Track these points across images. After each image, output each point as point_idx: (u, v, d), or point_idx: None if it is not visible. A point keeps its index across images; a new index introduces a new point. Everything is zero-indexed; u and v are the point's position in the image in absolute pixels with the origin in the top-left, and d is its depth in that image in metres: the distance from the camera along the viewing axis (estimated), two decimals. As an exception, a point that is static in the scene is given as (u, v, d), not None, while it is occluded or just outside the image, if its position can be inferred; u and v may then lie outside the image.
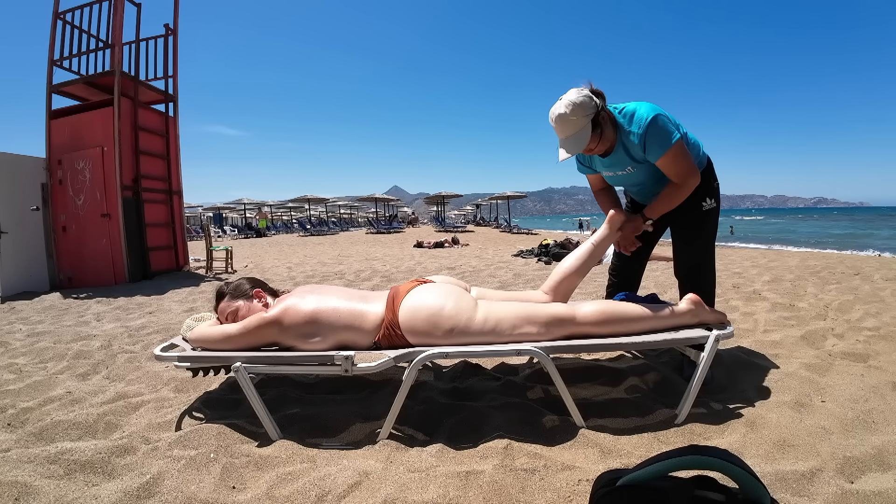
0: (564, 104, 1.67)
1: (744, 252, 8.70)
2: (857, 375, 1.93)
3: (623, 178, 1.95)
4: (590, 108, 1.67)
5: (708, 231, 1.95)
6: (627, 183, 2.01)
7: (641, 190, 2.00)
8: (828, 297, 3.62)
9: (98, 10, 6.02)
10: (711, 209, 1.91)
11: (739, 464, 0.88)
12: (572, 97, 1.67)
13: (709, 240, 1.97)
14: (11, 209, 5.47)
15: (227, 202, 30.69)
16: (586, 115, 1.67)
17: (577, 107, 1.65)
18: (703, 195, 1.88)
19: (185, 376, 2.13)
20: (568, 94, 1.69)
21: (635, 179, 1.93)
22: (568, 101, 1.67)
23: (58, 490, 1.27)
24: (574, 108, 1.65)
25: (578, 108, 1.65)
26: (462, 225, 26.60)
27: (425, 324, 1.55)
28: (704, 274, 1.96)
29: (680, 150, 1.71)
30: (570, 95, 1.68)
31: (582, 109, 1.66)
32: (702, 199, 1.88)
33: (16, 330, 3.36)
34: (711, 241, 1.98)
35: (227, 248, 7.52)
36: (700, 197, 1.87)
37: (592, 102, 1.68)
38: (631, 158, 1.81)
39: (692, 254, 1.97)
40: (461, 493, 1.22)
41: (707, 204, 1.90)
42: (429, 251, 10.33)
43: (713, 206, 1.92)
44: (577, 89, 1.70)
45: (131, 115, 6.03)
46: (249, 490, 1.28)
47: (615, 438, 1.48)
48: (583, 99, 1.66)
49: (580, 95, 1.67)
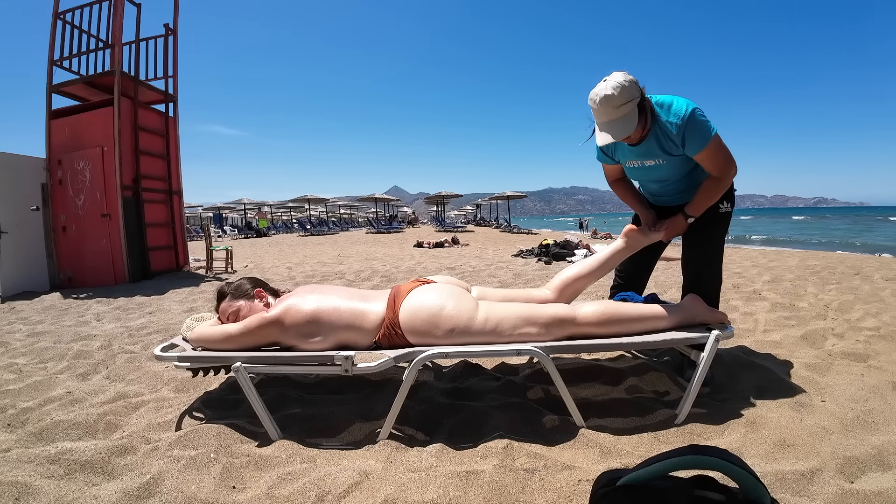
0: (612, 86, 1.57)
1: (744, 252, 8.69)
2: (857, 375, 1.93)
3: (648, 170, 1.86)
4: (636, 93, 1.59)
5: (720, 234, 1.91)
6: (650, 177, 1.92)
7: (665, 186, 1.93)
8: (828, 297, 3.62)
9: (98, 10, 6.02)
10: (727, 212, 1.88)
11: (739, 464, 0.88)
12: (619, 79, 1.58)
13: (719, 243, 1.93)
14: (11, 209, 5.47)
15: (226, 202, 30.69)
16: (633, 100, 1.59)
17: (625, 90, 1.56)
18: (722, 198, 1.84)
19: (185, 376, 2.13)
20: (614, 76, 1.60)
21: (660, 174, 1.86)
22: (615, 82, 1.57)
23: (58, 490, 1.27)
24: (622, 91, 1.56)
25: (626, 91, 1.56)
26: (462, 225, 26.59)
27: (426, 324, 1.55)
28: (712, 277, 1.93)
29: (719, 142, 1.66)
30: (616, 77, 1.59)
31: (629, 93, 1.57)
32: (719, 202, 1.84)
33: (16, 330, 3.36)
34: (722, 244, 1.95)
35: (227, 248, 7.52)
36: (719, 200, 1.83)
37: (638, 87, 1.61)
38: (662, 150, 1.74)
39: (702, 256, 1.94)
40: (461, 493, 1.22)
41: (724, 207, 1.86)
42: (429, 251, 10.32)
43: (728, 209, 1.88)
44: (623, 72, 1.62)
45: (131, 115, 6.03)
46: (249, 490, 1.28)
47: (615, 438, 1.48)
48: (630, 82, 1.58)
49: (626, 79, 1.58)
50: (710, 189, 1.75)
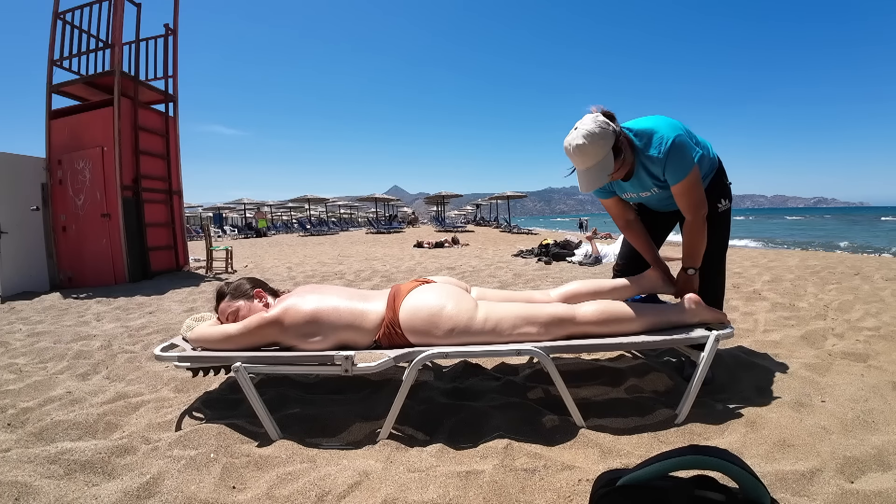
0: (582, 135, 1.56)
1: (744, 252, 8.69)
2: (857, 375, 1.93)
3: (645, 199, 1.88)
4: (609, 136, 1.57)
5: (722, 232, 1.89)
6: (649, 203, 1.93)
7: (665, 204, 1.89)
8: (828, 297, 3.62)
9: (98, 10, 6.02)
10: (726, 210, 1.87)
11: (739, 464, 0.88)
12: (589, 126, 1.56)
13: (722, 241, 1.91)
14: (11, 209, 5.47)
15: (226, 202, 30.68)
16: (606, 144, 1.57)
17: (597, 136, 1.55)
18: (719, 196, 1.84)
19: (185, 376, 2.13)
20: (583, 123, 1.59)
21: (656, 200, 1.86)
22: (585, 130, 1.56)
23: (58, 490, 1.27)
24: (593, 139, 1.55)
25: (598, 137, 1.55)
26: (462, 225, 26.59)
27: (426, 323, 1.55)
28: (715, 277, 1.91)
29: (695, 180, 1.65)
30: (586, 124, 1.58)
31: (602, 138, 1.56)
32: (717, 201, 1.84)
33: (16, 330, 3.36)
34: (724, 243, 1.92)
35: (227, 248, 7.52)
36: (716, 198, 1.83)
37: (610, 129, 1.58)
38: (653, 181, 1.74)
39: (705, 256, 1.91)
40: (461, 493, 1.22)
41: (722, 205, 1.86)
42: (429, 251, 10.32)
43: (727, 206, 1.87)
44: (592, 116, 1.60)
45: (131, 115, 6.03)
46: (249, 490, 1.28)
47: (615, 438, 1.48)
48: (601, 127, 1.56)
49: (597, 124, 1.56)
50: (692, 233, 1.73)
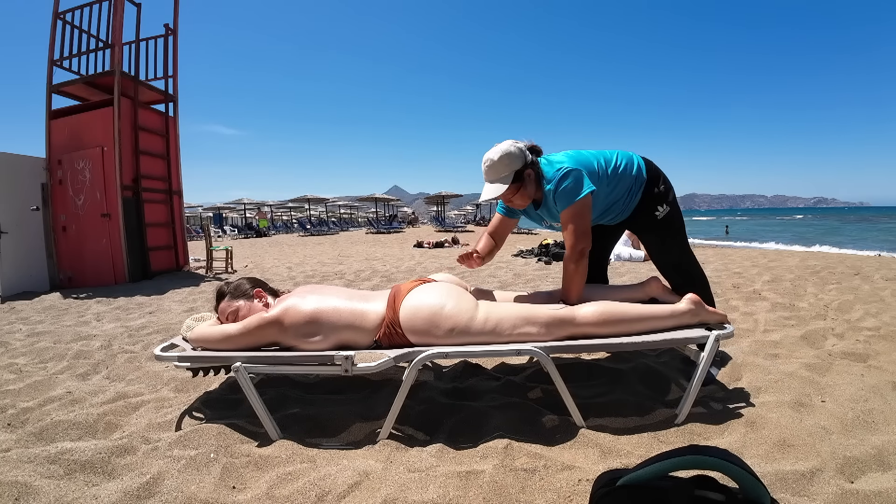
0: (495, 150, 1.72)
1: (744, 252, 8.69)
2: (857, 375, 1.93)
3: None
4: (517, 161, 1.71)
5: (672, 232, 1.95)
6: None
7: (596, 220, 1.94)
8: (828, 297, 3.62)
9: (98, 10, 6.02)
10: (666, 213, 1.91)
11: (739, 464, 0.88)
12: (504, 146, 1.72)
13: (677, 238, 1.97)
14: (11, 209, 5.46)
15: (226, 202, 30.67)
16: (510, 167, 1.71)
17: (505, 156, 1.70)
18: (654, 205, 1.89)
19: (185, 376, 2.13)
20: (503, 143, 1.75)
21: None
22: (499, 148, 1.72)
23: (58, 490, 1.27)
24: (501, 157, 1.70)
25: (506, 157, 1.70)
26: (462, 225, 26.59)
27: (426, 323, 1.55)
28: (688, 270, 1.98)
29: (577, 212, 1.71)
30: (503, 144, 1.74)
31: (509, 160, 1.70)
32: (653, 210, 1.89)
33: (16, 330, 3.36)
34: (681, 239, 1.99)
35: (227, 248, 7.52)
36: (650, 208, 1.89)
37: (522, 156, 1.72)
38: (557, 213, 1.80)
39: (665, 255, 2.01)
40: (461, 493, 1.22)
41: (660, 211, 1.90)
42: (429, 251, 10.32)
43: (667, 210, 1.91)
44: (514, 141, 1.76)
45: (131, 115, 6.03)
46: (249, 490, 1.28)
47: (615, 438, 1.48)
48: (513, 151, 1.71)
49: (513, 147, 1.72)
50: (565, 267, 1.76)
